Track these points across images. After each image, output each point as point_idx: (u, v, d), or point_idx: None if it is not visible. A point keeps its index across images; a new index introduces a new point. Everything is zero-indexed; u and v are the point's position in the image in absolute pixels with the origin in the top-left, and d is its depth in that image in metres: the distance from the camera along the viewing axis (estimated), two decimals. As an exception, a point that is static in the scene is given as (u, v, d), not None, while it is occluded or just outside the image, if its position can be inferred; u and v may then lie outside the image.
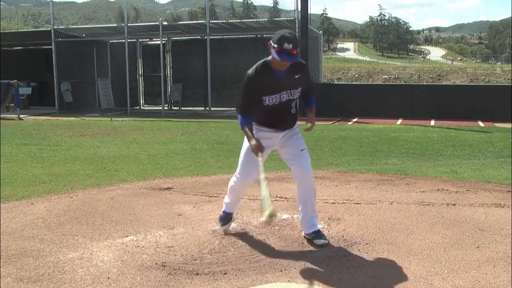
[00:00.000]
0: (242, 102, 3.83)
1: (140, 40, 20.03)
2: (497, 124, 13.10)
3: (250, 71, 3.78)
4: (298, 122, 4.09)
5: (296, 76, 3.80)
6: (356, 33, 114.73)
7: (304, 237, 4.08)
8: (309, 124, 4.05)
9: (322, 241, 3.94)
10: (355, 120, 14.58)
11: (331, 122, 13.86)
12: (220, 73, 17.80)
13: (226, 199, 4.28)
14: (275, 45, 3.59)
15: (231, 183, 4.16)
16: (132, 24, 19.37)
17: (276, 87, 3.77)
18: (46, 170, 7.16)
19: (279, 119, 3.91)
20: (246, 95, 3.80)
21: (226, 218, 4.27)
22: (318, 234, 3.98)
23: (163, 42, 17.61)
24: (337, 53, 74.58)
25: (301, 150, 3.97)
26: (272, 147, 4.01)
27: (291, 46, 3.57)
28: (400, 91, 16.51)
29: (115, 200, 5.38)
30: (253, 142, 3.74)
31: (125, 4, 18.01)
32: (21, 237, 4.16)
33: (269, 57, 3.74)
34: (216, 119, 15.26)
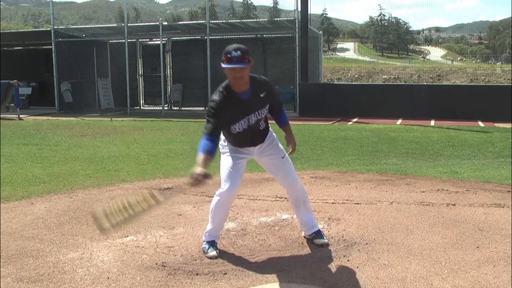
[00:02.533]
0: (209, 125, 3.56)
1: (140, 40, 20.04)
2: (497, 124, 13.10)
3: (215, 96, 3.60)
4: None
5: (261, 95, 3.63)
6: (356, 33, 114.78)
7: (304, 237, 4.08)
8: (291, 148, 3.89)
9: (322, 241, 3.94)
10: (355, 120, 14.58)
11: (331, 122, 13.86)
12: (220, 73, 17.56)
13: (208, 227, 3.83)
14: (223, 58, 3.45)
15: (214, 202, 3.78)
16: (132, 24, 19.37)
17: (243, 111, 3.61)
18: (46, 170, 7.15)
19: (250, 139, 3.77)
20: (214, 119, 3.55)
21: (212, 245, 3.80)
22: (318, 234, 3.99)
23: (163, 42, 17.61)
24: (337, 53, 74.62)
25: (282, 158, 3.84)
26: (248, 157, 3.86)
27: (239, 52, 3.41)
28: (400, 91, 16.50)
29: (115, 200, 5.38)
30: (198, 170, 3.35)
31: (125, 4, 18.00)
32: (21, 237, 4.16)
33: (226, 81, 3.60)
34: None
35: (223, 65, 3.49)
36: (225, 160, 3.79)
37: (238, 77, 3.48)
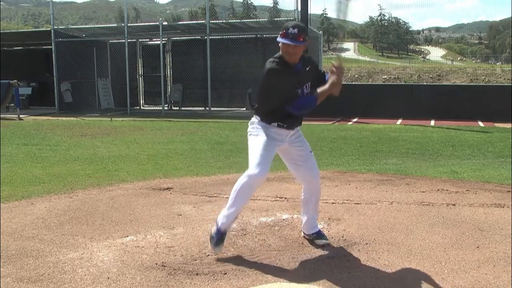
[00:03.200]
0: (287, 92, 3.61)
1: (140, 40, 20.04)
2: (497, 124, 13.11)
3: (272, 65, 3.61)
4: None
5: (307, 69, 3.74)
6: (356, 33, 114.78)
7: (304, 237, 4.08)
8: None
9: (323, 241, 3.93)
10: (355, 120, 14.58)
11: (331, 122, 13.86)
12: (220, 73, 17.80)
13: (227, 210, 3.70)
14: (281, 32, 3.58)
15: (241, 183, 3.62)
16: (132, 24, 19.37)
17: (298, 82, 3.68)
18: (46, 170, 7.15)
19: (293, 115, 3.78)
20: (277, 88, 3.60)
21: (221, 238, 3.69)
22: (319, 234, 3.98)
23: (163, 42, 17.61)
24: (338, 53, 74.58)
25: (310, 152, 3.93)
26: (280, 146, 3.81)
27: (296, 30, 3.53)
28: (400, 91, 16.51)
29: (115, 200, 5.38)
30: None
31: (125, 4, 18.01)
32: (21, 237, 4.16)
33: (279, 53, 3.67)
34: (216, 119, 15.26)
35: (278, 39, 3.59)
36: (259, 142, 3.69)
37: (291, 53, 3.61)
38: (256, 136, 3.76)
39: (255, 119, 3.83)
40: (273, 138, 3.74)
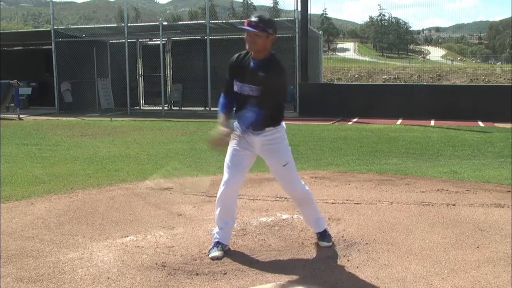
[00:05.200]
0: (224, 82, 3.83)
1: (140, 40, 20.03)
2: (497, 124, 13.10)
3: (234, 55, 3.82)
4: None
5: (261, 74, 3.54)
6: (356, 33, 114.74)
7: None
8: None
9: (325, 243, 3.91)
10: (355, 120, 14.58)
11: (331, 122, 13.86)
12: (220, 73, 17.74)
13: (218, 221, 3.80)
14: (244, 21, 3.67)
15: (218, 195, 3.77)
16: (132, 24, 19.35)
17: (243, 74, 3.66)
18: (46, 170, 7.15)
19: (241, 107, 3.71)
20: (228, 75, 3.79)
21: (216, 245, 3.76)
22: (322, 235, 3.96)
23: (163, 42, 17.61)
24: (337, 53, 74.61)
25: (283, 166, 3.71)
26: (252, 149, 3.73)
27: (256, 19, 3.58)
28: (400, 91, 16.51)
29: (115, 200, 5.38)
30: (221, 129, 3.66)
31: (125, 4, 18.01)
32: (21, 237, 4.16)
33: None
34: (216, 119, 15.19)
35: (240, 26, 3.74)
36: (228, 151, 3.79)
37: (248, 40, 3.64)
38: (229, 145, 3.85)
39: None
40: (242, 145, 3.75)
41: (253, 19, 3.59)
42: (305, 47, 15.97)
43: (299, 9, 15.90)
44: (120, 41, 18.38)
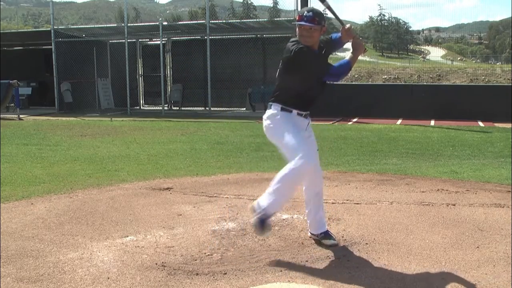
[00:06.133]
0: (322, 65, 3.66)
1: (140, 40, 20.04)
2: (497, 124, 13.10)
3: (299, 44, 3.60)
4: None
5: (323, 52, 3.74)
6: (356, 33, 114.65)
7: (310, 237, 4.04)
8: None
9: (331, 242, 3.90)
10: (355, 120, 14.58)
11: (331, 122, 13.86)
12: (220, 73, 17.80)
13: (272, 199, 3.57)
14: (297, 17, 3.64)
15: (291, 171, 3.54)
16: (132, 24, 19.36)
17: (321, 61, 3.70)
18: (46, 170, 7.15)
19: (314, 101, 3.78)
20: (317, 60, 3.64)
21: (266, 223, 3.60)
22: (327, 234, 3.95)
23: (163, 42, 17.61)
24: (337, 53, 74.49)
25: (317, 150, 3.94)
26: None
27: (311, 13, 3.57)
28: (400, 91, 16.49)
29: (115, 200, 5.38)
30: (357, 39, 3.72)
31: (125, 4, 18.00)
32: (21, 237, 4.16)
33: (296, 37, 3.70)
34: (216, 119, 15.26)
35: (294, 23, 3.68)
36: (293, 132, 3.64)
37: (305, 35, 3.61)
38: (286, 126, 3.66)
39: (274, 110, 3.73)
40: (299, 126, 3.74)
41: (308, 13, 3.58)
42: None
43: (299, 9, 15.89)
44: (120, 41, 18.38)
